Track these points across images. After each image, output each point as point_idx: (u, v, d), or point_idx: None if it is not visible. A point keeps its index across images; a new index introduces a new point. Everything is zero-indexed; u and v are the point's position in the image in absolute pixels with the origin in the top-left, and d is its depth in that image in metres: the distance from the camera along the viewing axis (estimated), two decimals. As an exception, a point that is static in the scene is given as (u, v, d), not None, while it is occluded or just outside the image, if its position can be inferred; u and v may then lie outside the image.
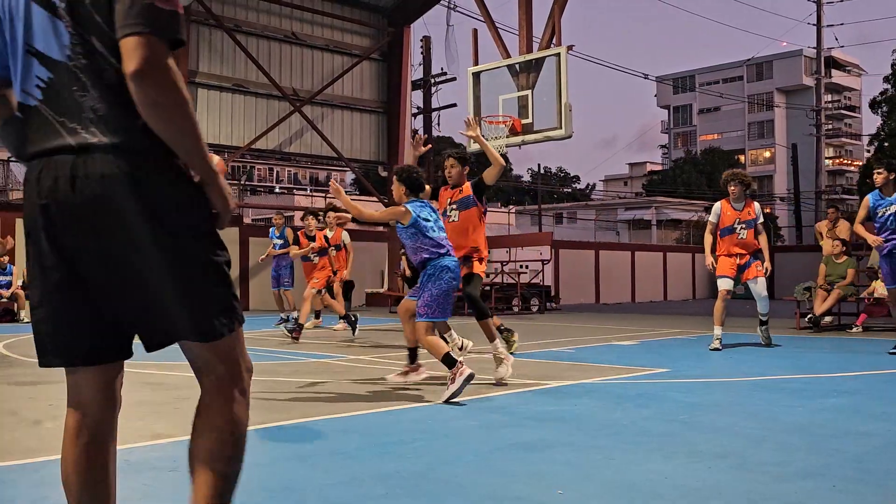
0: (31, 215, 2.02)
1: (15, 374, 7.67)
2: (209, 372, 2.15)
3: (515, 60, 15.79)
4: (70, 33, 1.96)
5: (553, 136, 14.99)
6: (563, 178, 75.80)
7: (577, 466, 3.87)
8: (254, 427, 4.64)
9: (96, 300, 2.06)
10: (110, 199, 1.95)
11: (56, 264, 2.02)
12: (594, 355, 9.33)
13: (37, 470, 3.86)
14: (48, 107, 2.00)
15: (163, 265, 1.99)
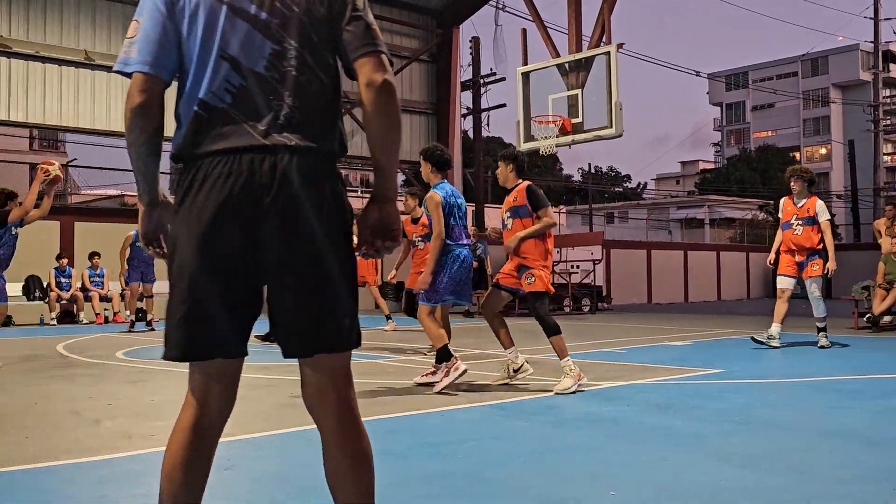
0: (214, 208, 2.05)
1: (75, 375, 7.85)
2: (334, 389, 2.18)
3: (565, 59, 15.71)
4: (275, 48, 2.11)
5: (603, 135, 14.88)
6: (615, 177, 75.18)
7: (630, 468, 3.83)
8: (303, 428, 4.68)
9: (272, 296, 2.12)
10: (302, 197, 2.08)
11: (236, 257, 2.06)
12: (646, 356, 9.23)
13: (96, 468, 3.94)
14: (238, 110, 2.10)
15: (335, 266, 2.13)
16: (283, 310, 2.12)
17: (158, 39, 2.12)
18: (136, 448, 4.39)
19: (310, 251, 2.09)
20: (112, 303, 17.57)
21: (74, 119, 18.68)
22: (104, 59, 18.85)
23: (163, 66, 2.13)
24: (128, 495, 3.42)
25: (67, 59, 18.42)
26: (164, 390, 6.67)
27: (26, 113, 18.00)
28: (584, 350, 10.01)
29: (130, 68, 2.13)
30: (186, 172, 2.12)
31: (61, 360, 9.27)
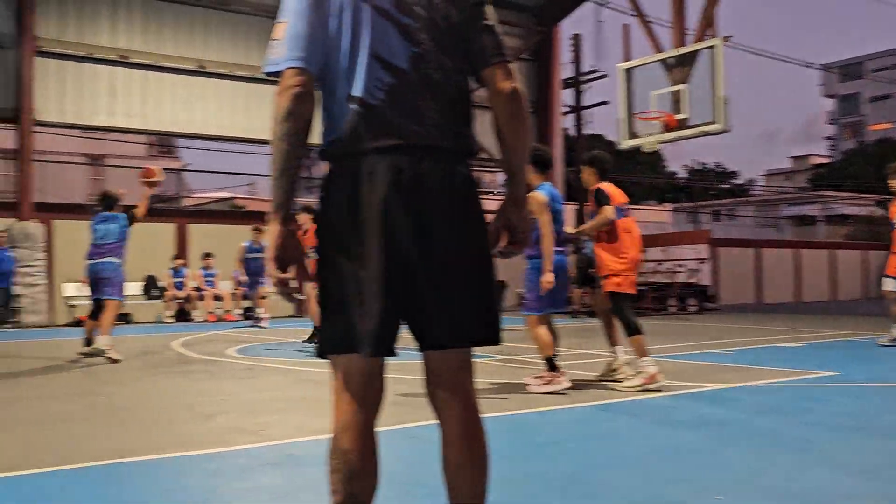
0: (367, 206, 2.11)
1: (189, 371, 8.17)
2: (461, 383, 2.25)
3: (668, 55, 15.41)
4: (415, 50, 2.19)
5: (709, 130, 14.54)
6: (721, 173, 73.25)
7: (736, 472, 3.75)
8: (402, 426, 4.76)
9: (417, 290, 2.16)
10: (450, 195, 2.17)
11: (391, 254, 2.12)
12: (755, 357, 8.98)
13: (209, 461, 4.10)
14: (389, 109, 2.17)
15: (482, 261, 2.23)
16: (428, 303, 2.16)
17: (306, 36, 2.16)
18: (247, 443, 4.54)
19: (457, 247, 2.17)
20: (224, 301, 18.18)
21: (188, 125, 19.40)
22: (216, 67, 19.51)
23: (311, 61, 2.15)
24: (238, 489, 3.55)
25: (182, 68, 19.15)
26: (272, 387, 6.88)
27: (143, 120, 18.81)
28: (689, 351, 9.81)
29: (281, 66, 2.14)
30: (344, 170, 2.17)
31: (177, 357, 9.66)
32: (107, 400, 6.26)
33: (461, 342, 2.22)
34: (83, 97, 18.03)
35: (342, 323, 2.15)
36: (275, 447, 4.40)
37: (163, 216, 19.96)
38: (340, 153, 2.19)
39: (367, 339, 2.13)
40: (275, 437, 4.66)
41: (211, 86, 19.53)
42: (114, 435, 4.84)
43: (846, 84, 77.94)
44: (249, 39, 19.95)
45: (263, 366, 8.63)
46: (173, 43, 19.03)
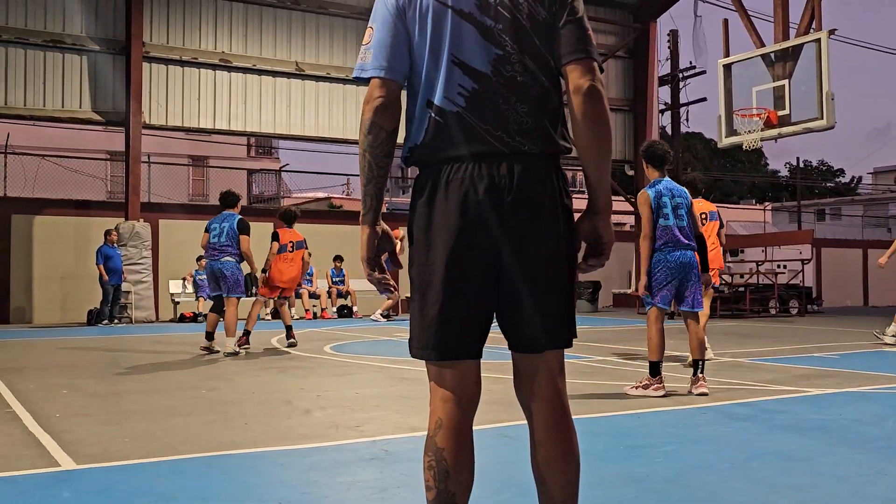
0: (459, 211, 2.14)
1: (288, 367, 8.35)
2: (551, 381, 2.25)
3: (770, 49, 14.97)
4: (498, 52, 2.18)
5: (813, 127, 14.07)
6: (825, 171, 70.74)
7: (843, 480, 3.62)
8: (500, 424, 4.75)
9: (506, 293, 2.19)
10: (540, 199, 2.17)
11: (482, 258, 2.16)
12: (862, 362, 8.64)
13: (308, 455, 4.19)
14: (471, 114, 2.18)
15: (567, 264, 2.22)
16: (521, 306, 2.18)
17: (391, 43, 2.19)
18: (344, 438, 4.62)
19: (547, 251, 2.17)
20: (320, 300, 18.52)
21: (286, 127, 19.85)
22: (313, 70, 19.91)
23: (397, 69, 2.19)
24: (336, 482, 3.61)
25: (280, 71, 19.61)
26: (367, 384, 6.97)
27: (244, 122, 19.33)
28: (790, 354, 9.51)
29: (367, 73, 2.19)
30: (426, 177, 2.20)
31: (275, 353, 9.89)
32: (209, 394, 6.45)
33: (558, 344, 2.23)
34: (188, 100, 18.66)
35: (435, 329, 2.17)
36: (372, 443, 4.46)
37: (263, 215, 20.47)
38: (420, 160, 2.21)
39: (449, 344, 2.17)
40: (371, 433, 4.73)
41: (308, 88, 19.94)
42: (216, 428, 4.98)
43: (962, 77, 74.13)
44: (346, 41, 20.29)
45: (357, 363, 8.76)
46: (272, 46, 19.52)
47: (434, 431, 2.19)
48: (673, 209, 6.38)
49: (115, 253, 16.29)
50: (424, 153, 2.20)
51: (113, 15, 17.81)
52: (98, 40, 17.65)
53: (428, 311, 2.17)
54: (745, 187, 61.64)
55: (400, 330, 14.25)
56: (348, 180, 37.95)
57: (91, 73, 17.64)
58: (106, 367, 8.56)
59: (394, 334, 13.16)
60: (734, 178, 59.68)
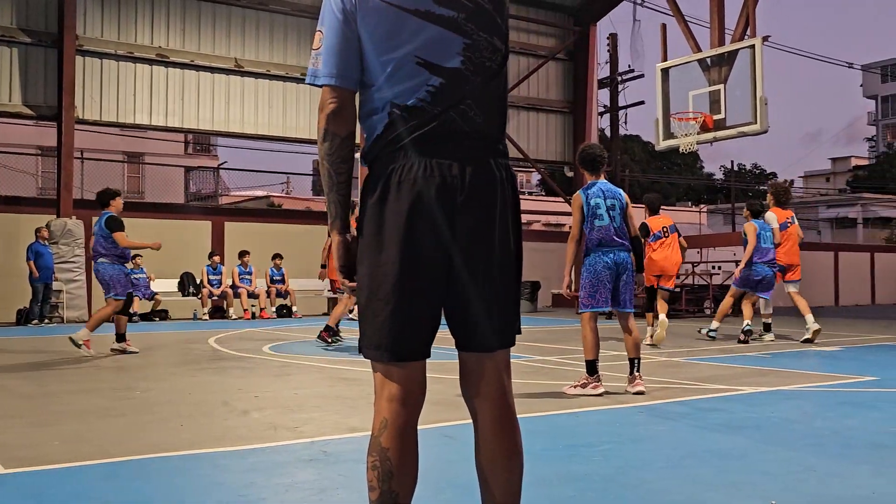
0: (413, 209, 2.12)
1: (225, 367, 8.24)
2: (498, 380, 2.27)
3: (707, 54, 15.25)
4: (466, 42, 2.18)
5: (747, 131, 14.37)
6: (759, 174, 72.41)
7: (775, 477, 3.70)
8: (436, 425, 4.76)
9: (457, 293, 2.18)
10: (492, 199, 2.17)
11: (433, 259, 2.14)
12: (793, 361, 8.86)
13: (245, 457, 4.13)
14: (433, 109, 2.16)
15: (516, 263, 2.25)
16: (472, 306, 2.19)
17: (341, 49, 2.17)
18: (282, 439, 4.57)
19: (497, 251, 2.19)
20: (259, 299, 18.32)
21: (225, 124, 19.59)
22: (253, 67, 19.68)
23: (348, 76, 2.18)
24: (274, 484, 3.57)
25: (219, 67, 19.34)
26: (306, 385, 6.92)
27: (181, 118, 19.02)
28: (724, 353, 9.71)
29: (319, 81, 2.19)
30: (380, 174, 2.17)
31: (212, 353, 9.75)
32: (143, 395, 6.33)
33: (507, 344, 2.26)
34: (123, 96, 18.29)
35: (380, 328, 2.16)
36: (310, 444, 4.43)
37: (200, 214, 20.18)
38: (376, 157, 2.19)
39: (401, 345, 2.16)
40: (310, 434, 4.69)
41: (248, 85, 19.71)
42: (150, 430, 4.89)
43: (888, 84, 76.68)
44: (286, 39, 20.10)
45: (296, 363, 8.68)
46: (210, 42, 19.24)
47: (379, 431, 2.17)
48: (607, 210, 6.46)
49: (47, 251, 15.89)
50: (380, 151, 2.18)
51: (45, 7, 17.35)
52: (29, 32, 17.18)
53: (380, 312, 2.15)
54: (682, 189, 62.79)
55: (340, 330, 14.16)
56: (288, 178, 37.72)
57: (22, 65, 17.16)
58: (36, 368, 8.33)
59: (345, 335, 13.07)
60: (671, 181, 60.74)
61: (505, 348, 2.27)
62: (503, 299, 2.22)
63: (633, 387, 6.31)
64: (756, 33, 14.75)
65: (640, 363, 6.46)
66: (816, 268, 29.46)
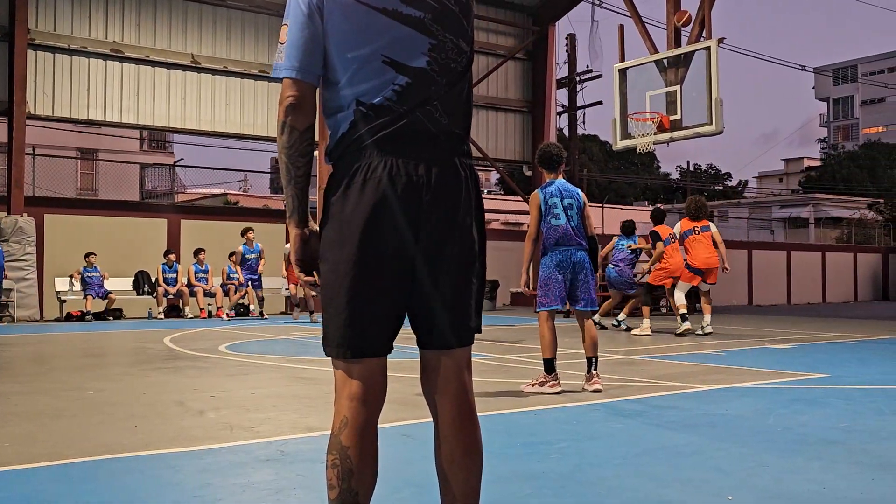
0: (377, 207, 2.11)
1: (180, 367, 8.14)
2: (458, 377, 2.27)
3: (663, 55, 15.43)
4: (432, 42, 2.18)
5: (703, 131, 14.57)
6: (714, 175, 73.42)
7: (729, 474, 3.75)
8: (399, 423, 4.75)
9: (421, 292, 2.18)
10: (456, 198, 2.19)
11: (397, 257, 2.13)
12: (746, 359, 9.00)
13: (201, 457, 4.08)
14: (398, 108, 2.15)
15: (480, 261, 2.27)
16: (436, 305, 2.20)
17: (304, 43, 2.16)
18: (238, 439, 4.52)
19: (461, 251, 2.20)
20: (216, 298, 18.13)
21: (181, 121, 19.37)
22: (210, 63, 19.49)
23: (309, 70, 2.16)
24: (230, 484, 3.54)
25: (175, 63, 19.11)
26: (263, 384, 6.86)
27: (136, 115, 18.76)
28: (679, 351, 9.83)
29: (280, 73, 2.18)
30: (345, 172, 2.16)
31: (168, 353, 9.63)
32: (95, 395, 6.23)
33: (468, 342, 2.27)
34: (76, 91, 18.00)
35: (343, 326, 2.15)
36: (267, 444, 4.39)
37: (155, 211, 19.92)
38: (341, 155, 2.18)
39: (364, 343, 2.15)
40: (267, 434, 4.65)
41: (205, 81, 19.51)
42: (103, 430, 4.81)
43: (839, 87, 78.26)
44: (243, 35, 19.94)
45: (253, 363, 8.61)
46: (166, 37, 19.01)
47: (339, 430, 2.16)
48: (564, 209, 6.50)
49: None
50: (344, 148, 2.17)
51: (-4, 0, 17.00)
52: (-21, 25, 16.84)
53: (342, 309, 2.15)
54: (639, 189, 63.45)
55: (298, 329, 14.10)
56: (246, 176, 37.32)
57: (-29, 59, 16.82)
58: (-15, 369, 8.15)
59: (291, 333, 13.00)
60: (628, 181, 61.34)
61: (465, 346, 2.28)
62: (465, 298, 2.23)
63: (590, 385, 6.35)
64: (712, 35, 14.96)
65: (597, 361, 6.51)
66: (769, 267, 29.98)
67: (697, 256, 12.74)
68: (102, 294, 17.02)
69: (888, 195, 56.08)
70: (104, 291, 17.07)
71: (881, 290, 33.40)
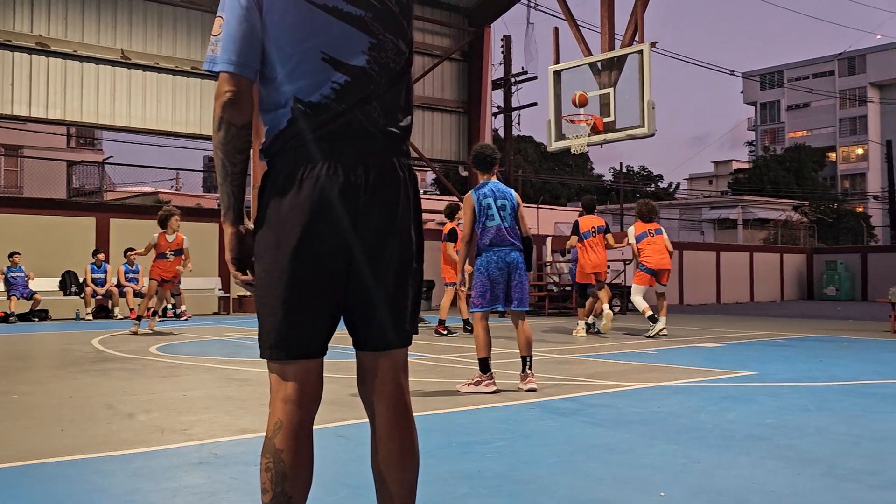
0: (313, 206, 2.07)
1: (109, 369, 7.95)
2: (395, 378, 2.27)
3: (597, 58, 15.64)
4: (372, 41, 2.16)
5: (636, 134, 14.80)
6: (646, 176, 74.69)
7: (661, 470, 3.82)
8: (336, 424, 4.72)
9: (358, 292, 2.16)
10: (395, 198, 2.17)
11: (334, 257, 2.10)
12: (677, 357, 9.17)
13: (131, 461, 3.99)
14: (336, 106, 2.12)
15: (418, 261, 2.26)
16: (373, 305, 2.18)
17: (242, 37, 2.10)
18: (170, 442, 4.44)
19: (399, 251, 2.19)
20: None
21: (111, 117, 18.91)
22: (140, 59, 19.08)
23: (247, 64, 2.11)
24: (161, 489, 3.47)
25: (104, 58, 18.66)
26: (196, 386, 6.75)
27: (63, 111, 18.27)
28: (613, 351, 9.97)
29: (217, 67, 2.11)
30: (281, 170, 2.12)
31: (96, 355, 9.40)
32: (21, 399, 6.05)
33: (405, 342, 2.27)
34: (0, 85, 17.43)
35: (278, 327, 2.12)
36: (200, 447, 4.32)
37: (83, 210, 19.42)
38: (278, 152, 2.15)
39: (299, 344, 2.13)
40: (200, 437, 4.57)
41: (135, 77, 19.10)
42: (29, 435, 4.68)
43: (766, 92, 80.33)
44: (175, 31, 19.57)
45: (185, 364, 8.46)
46: (95, 32, 18.55)
47: (273, 433, 2.13)
48: (498, 210, 6.54)
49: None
50: (281, 146, 2.13)
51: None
52: None
53: (277, 310, 2.12)
54: (573, 190, 64.20)
55: (230, 330, 13.90)
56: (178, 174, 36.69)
57: None
58: None
59: (224, 334, 12.81)
60: (562, 181, 62.03)
61: (402, 347, 2.28)
62: (402, 299, 2.23)
63: (525, 384, 6.40)
64: (644, 39, 15.21)
65: (531, 361, 6.56)
66: (699, 267, 30.61)
67: (651, 258, 12.81)
68: (27, 295, 16.53)
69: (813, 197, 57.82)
70: (29, 292, 16.58)
71: (806, 289, 34.39)
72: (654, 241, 12.91)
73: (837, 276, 32.43)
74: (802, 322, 16.40)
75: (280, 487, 2.10)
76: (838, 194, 68.35)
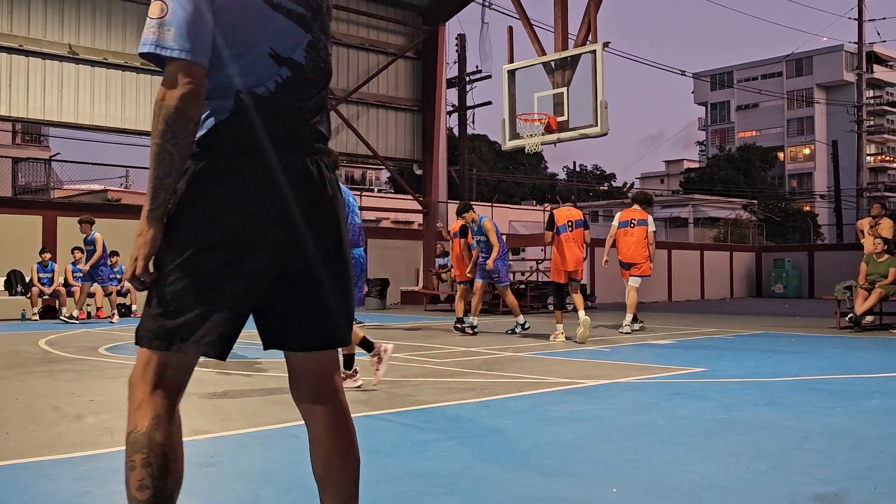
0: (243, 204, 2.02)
1: (57, 370, 7.80)
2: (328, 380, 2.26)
3: (551, 58, 15.73)
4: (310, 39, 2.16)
5: (589, 133, 14.92)
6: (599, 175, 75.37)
7: (614, 466, 3.85)
8: (285, 424, 4.68)
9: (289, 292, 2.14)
10: (328, 197, 2.17)
11: (269, 252, 2.06)
12: (630, 354, 9.27)
13: (79, 465, 3.92)
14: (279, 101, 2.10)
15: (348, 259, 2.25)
16: (306, 305, 2.16)
17: (196, 23, 1.96)
18: (119, 444, 4.34)
19: (332, 250, 2.17)
20: (95, 298, 17.44)
21: (58, 113, 18.54)
22: (88, 54, 18.73)
23: (204, 53, 1.99)
24: (110, 492, 3.40)
25: (51, 53, 18.29)
26: (147, 386, 6.63)
27: (9, 107, 17.86)
28: (568, 348, 10.03)
29: (171, 53, 1.94)
30: (214, 163, 2.05)
31: (43, 356, 9.20)
32: (-35, 401, 5.90)
33: (341, 342, 2.25)
34: (-58, 80, 17.02)
35: (192, 318, 2.04)
36: (149, 449, 4.24)
37: (30, 208, 19.01)
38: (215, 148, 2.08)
39: (215, 339, 2.07)
40: (149, 439, 4.49)
41: (83, 73, 18.75)
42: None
43: (716, 92, 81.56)
44: (126, 26, 19.26)
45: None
46: (42, 26, 18.16)
47: (152, 427, 2.07)
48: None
49: None
50: (219, 141, 2.07)
51: None
52: None
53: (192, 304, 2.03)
54: (527, 189, 64.56)
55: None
56: (127, 172, 36.09)
57: None
58: None
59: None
60: (516, 180, 62.33)
61: (338, 347, 2.26)
62: (337, 298, 2.21)
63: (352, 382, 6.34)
64: (597, 39, 15.33)
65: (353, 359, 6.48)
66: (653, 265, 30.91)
67: (620, 249, 12.85)
68: (-29, 295, 16.14)
69: (762, 196, 58.83)
70: (-27, 292, 16.20)
71: (755, 287, 34.96)
72: (633, 231, 12.85)
73: (785, 274, 33.01)
74: (751, 319, 16.67)
75: (163, 483, 2.06)
76: (786, 194, 69.75)
